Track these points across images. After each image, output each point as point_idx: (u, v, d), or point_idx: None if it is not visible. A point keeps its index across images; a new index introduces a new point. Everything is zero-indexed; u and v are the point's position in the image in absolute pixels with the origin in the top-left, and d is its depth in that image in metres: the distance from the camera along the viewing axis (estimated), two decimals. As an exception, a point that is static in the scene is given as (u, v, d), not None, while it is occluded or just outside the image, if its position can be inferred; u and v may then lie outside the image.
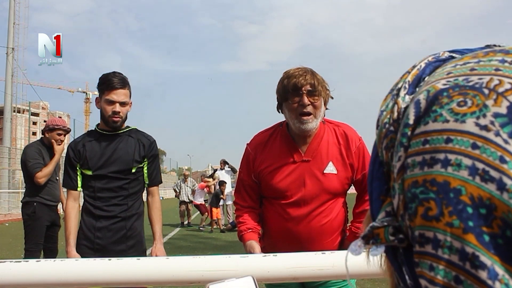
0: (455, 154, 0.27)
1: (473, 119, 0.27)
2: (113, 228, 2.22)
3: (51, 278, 1.12)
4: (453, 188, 0.26)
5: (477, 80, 0.29)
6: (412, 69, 0.34)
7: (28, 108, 27.53)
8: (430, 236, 0.27)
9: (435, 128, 0.28)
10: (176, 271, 1.14)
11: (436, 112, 0.29)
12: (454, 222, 0.26)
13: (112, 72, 2.26)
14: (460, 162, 0.26)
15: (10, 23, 18.96)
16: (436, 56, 0.35)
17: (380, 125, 0.33)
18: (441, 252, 0.26)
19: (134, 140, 2.29)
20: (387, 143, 0.32)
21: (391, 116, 0.32)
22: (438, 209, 0.26)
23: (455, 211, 0.26)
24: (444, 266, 0.26)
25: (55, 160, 3.97)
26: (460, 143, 0.27)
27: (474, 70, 0.30)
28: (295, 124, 1.67)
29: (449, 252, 0.26)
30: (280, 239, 1.73)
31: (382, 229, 0.31)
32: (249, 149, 1.81)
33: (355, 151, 1.71)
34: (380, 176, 0.33)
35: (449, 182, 0.26)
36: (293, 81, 1.64)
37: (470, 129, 0.27)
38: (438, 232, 0.26)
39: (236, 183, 1.94)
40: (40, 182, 3.85)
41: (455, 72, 0.31)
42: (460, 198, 0.26)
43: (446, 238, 0.26)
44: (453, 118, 0.28)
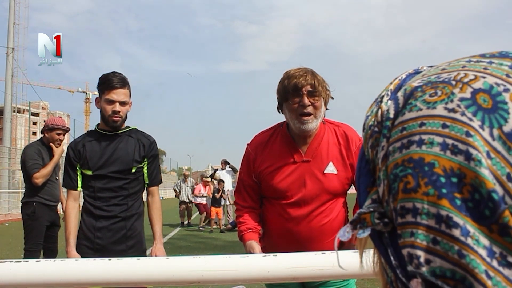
0: (428, 134, 0.31)
1: (442, 104, 0.31)
2: (113, 228, 2.22)
3: (51, 278, 1.12)
4: (427, 162, 0.30)
5: (446, 76, 0.34)
6: (394, 80, 0.39)
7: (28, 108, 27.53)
8: (409, 206, 0.30)
9: (411, 117, 0.33)
10: (176, 271, 1.14)
11: (411, 104, 0.33)
12: (429, 191, 0.29)
13: (112, 72, 2.26)
14: (432, 140, 0.30)
15: (10, 23, 18.96)
16: (416, 69, 0.40)
17: (366, 128, 0.38)
18: (419, 218, 0.29)
19: (134, 140, 2.29)
20: (372, 142, 0.36)
21: (375, 119, 0.37)
22: (415, 182, 0.30)
23: (430, 181, 0.29)
24: (422, 230, 0.29)
25: (54, 161, 3.96)
26: (432, 125, 0.31)
27: (444, 69, 0.35)
28: (296, 125, 1.67)
29: (427, 217, 0.29)
30: (281, 239, 1.73)
31: (368, 214, 0.34)
32: (249, 150, 1.81)
33: (356, 151, 1.72)
34: (366, 172, 0.37)
35: (423, 158, 0.30)
36: (293, 82, 1.64)
37: (440, 113, 0.31)
38: (416, 201, 0.30)
39: (236, 183, 1.94)
40: (38, 183, 3.85)
41: (428, 74, 0.36)
42: (434, 170, 0.30)
43: (423, 206, 0.29)
44: (426, 106, 0.32)
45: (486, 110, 0.30)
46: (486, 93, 0.31)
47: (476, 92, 0.31)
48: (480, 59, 0.34)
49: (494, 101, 0.30)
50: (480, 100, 0.30)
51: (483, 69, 0.33)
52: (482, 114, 0.30)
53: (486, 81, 0.31)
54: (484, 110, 0.30)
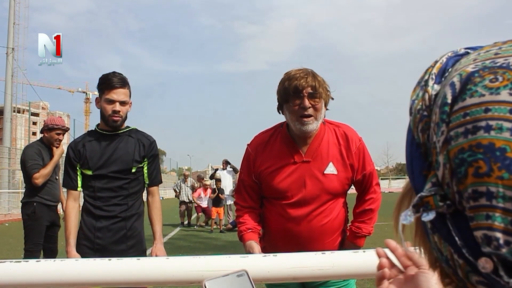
0: (495, 120, 0.31)
1: (506, 90, 0.31)
2: (113, 228, 2.22)
3: (51, 278, 1.12)
4: (498, 147, 0.30)
5: (503, 61, 0.33)
6: (434, 63, 0.39)
7: (28, 108, 27.54)
8: (483, 190, 0.30)
9: (473, 102, 0.32)
10: (176, 271, 1.14)
11: (472, 90, 0.33)
12: (504, 175, 0.29)
13: (112, 72, 2.26)
14: (501, 126, 0.30)
15: (10, 23, 18.96)
16: (455, 51, 0.39)
17: (413, 112, 0.38)
18: (495, 202, 0.30)
19: (134, 140, 2.29)
20: (422, 126, 0.36)
21: (423, 103, 0.37)
22: (488, 166, 0.30)
23: (504, 166, 0.30)
24: (500, 213, 0.30)
25: (53, 162, 3.96)
26: (498, 110, 0.31)
27: (498, 54, 0.34)
28: (296, 126, 1.67)
29: (503, 200, 0.29)
30: (281, 239, 1.73)
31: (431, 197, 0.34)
32: (249, 150, 1.81)
33: (355, 151, 1.72)
34: (418, 156, 0.37)
35: (493, 143, 0.30)
36: (294, 84, 1.64)
37: (505, 98, 0.31)
38: (490, 185, 0.30)
39: (236, 184, 1.95)
40: (37, 183, 3.85)
41: (480, 58, 0.35)
42: (506, 155, 0.30)
43: (498, 190, 0.30)
44: (488, 92, 0.32)
45: None
46: None
47: None
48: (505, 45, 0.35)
49: None
50: None
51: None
52: None
53: None
54: None
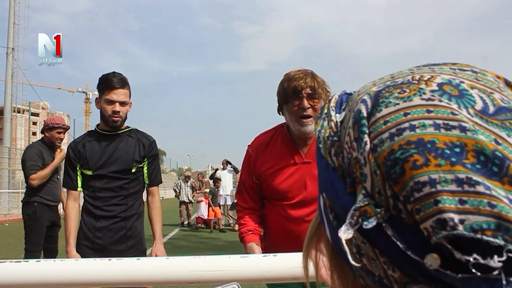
0: (416, 120, 0.33)
1: (417, 97, 0.34)
2: (113, 228, 2.22)
3: (51, 278, 1.12)
4: (428, 140, 0.32)
5: (402, 79, 0.36)
6: (329, 101, 0.42)
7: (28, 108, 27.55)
8: (425, 179, 0.31)
9: (391, 110, 0.34)
10: (176, 271, 1.14)
11: (385, 101, 0.35)
12: (441, 162, 0.31)
13: (112, 72, 2.26)
14: (423, 124, 0.32)
15: (10, 23, 18.96)
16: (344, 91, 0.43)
17: (323, 140, 0.40)
18: (440, 186, 0.31)
19: (134, 140, 2.30)
20: (335, 150, 0.38)
21: (331, 130, 0.39)
22: (424, 158, 0.32)
23: (438, 154, 0.31)
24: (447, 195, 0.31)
25: (52, 165, 3.93)
26: (416, 112, 0.33)
27: (393, 76, 0.38)
28: (296, 127, 1.67)
29: (446, 184, 0.31)
30: (282, 239, 1.74)
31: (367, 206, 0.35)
32: (250, 151, 1.82)
33: None
34: (337, 178, 0.38)
35: (422, 138, 0.32)
36: (293, 84, 1.64)
37: (419, 103, 0.33)
38: (431, 173, 0.31)
39: (237, 185, 1.95)
40: (33, 184, 3.84)
41: (378, 82, 0.38)
42: (437, 146, 0.32)
43: (439, 175, 0.31)
44: (402, 101, 0.34)
45: (456, 96, 0.33)
46: (449, 84, 0.34)
47: (441, 84, 0.34)
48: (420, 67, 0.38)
49: (458, 89, 0.34)
50: (448, 89, 0.34)
51: (432, 71, 0.36)
52: (455, 99, 0.33)
53: (443, 77, 0.35)
54: (455, 96, 0.33)
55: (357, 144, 0.36)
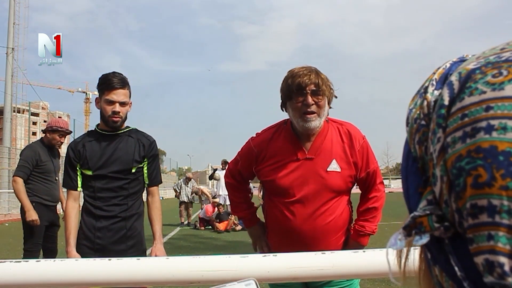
0: (498, 119, 0.26)
1: (511, 84, 0.27)
2: (113, 228, 2.22)
3: (51, 278, 1.12)
4: (502, 151, 0.25)
5: (510, 54, 0.29)
6: (437, 70, 0.35)
7: (28, 108, 27.54)
8: (483, 204, 0.25)
9: (472, 101, 0.28)
10: (176, 271, 1.14)
11: (471, 87, 0.28)
12: (509, 184, 0.24)
13: (112, 72, 2.26)
14: (505, 125, 0.26)
15: (10, 23, 18.96)
16: (461, 57, 0.35)
17: (410, 122, 0.34)
18: (499, 218, 0.24)
19: (134, 140, 2.29)
20: (419, 137, 0.32)
21: (421, 111, 0.32)
22: (489, 174, 0.25)
23: (508, 173, 0.25)
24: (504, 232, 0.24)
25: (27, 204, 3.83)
26: (502, 108, 0.26)
27: (504, 49, 0.30)
28: (299, 123, 1.67)
29: (509, 216, 0.24)
30: (284, 238, 1.73)
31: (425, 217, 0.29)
32: (251, 145, 1.81)
33: (359, 149, 1.72)
34: (415, 171, 0.33)
35: (496, 146, 0.25)
36: (297, 81, 1.64)
37: (510, 94, 0.26)
38: (492, 197, 0.25)
39: (229, 168, 1.96)
40: (13, 185, 3.89)
41: (484, 55, 0.31)
42: (511, 160, 0.25)
43: (502, 203, 0.25)
44: (490, 88, 0.27)
45: None
46: None
47: None
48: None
49: None
50: None
51: None
52: None
53: None
54: None
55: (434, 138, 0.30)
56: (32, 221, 3.81)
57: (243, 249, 6.31)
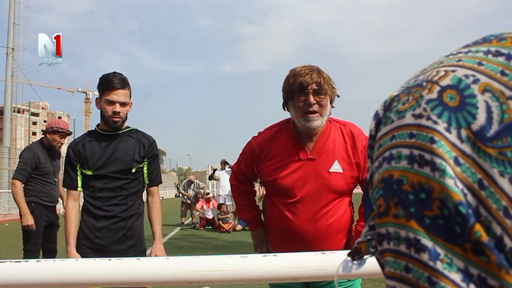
0: (396, 148, 0.28)
1: (410, 111, 0.29)
2: (113, 228, 2.22)
3: (51, 278, 1.12)
4: (396, 179, 0.27)
5: (422, 77, 0.31)
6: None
7: (28, 108, 27.53)
8: (383, 232, 0.27)
9: (385, 131, 0.30)
10: (176, 271, 1.14)
11: (387, 117, 0.31)
12: (399, 213, 0.26)
13: (112, 72, 2.26)
14: (400, 154, 0.28)
15: (10, 23, 18.95)
16: None
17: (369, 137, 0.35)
18: (392, 244, 0.27)
19: (134, 140, 2.29)
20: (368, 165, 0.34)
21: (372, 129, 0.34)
22: (386, 204, 0.27)
23: (399, 201, 0.27)
24: (393, 257, 0.26)
25: (25, 210, 3.82)
26: (400, 136, 0.28)
27: (424, 70, 0.32)
28: (301, 122, 1.66)
29: (398, 242, 0.26)
30: (286, 240, 1.72)
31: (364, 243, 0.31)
32: (253, 145, 1.80)
33: (362, 150, 1.71)
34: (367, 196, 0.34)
35: (392, 175, 0.28)
36: (299, 80, 1.63)
37: (408, 121, 0.29)
38: (388, 226, 0.27)
39: (233, 169, 1.97)
40: (12, 188, 3.88)
41: (411, 77, 0.33)
42: (402, 188, 0.27)
43: (394, 230, 0.27)
44: (397, 117, 0.30)
45: (453, 108, 0.27)
46: (453, 89, 0.28)
47: (443, 90, 0.28)
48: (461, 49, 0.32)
49: (462, 96, 0.27)
50: (447, 98, 0.28)
51: (456, 62, 0.30)
52: (448, 114, 0.27)
53: (455, 75, 0.29)
54: (451, 109, 0.27)
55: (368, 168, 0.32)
56: (27, 226, 3.81)
57: (243, 249, 6.30)
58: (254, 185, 1.99)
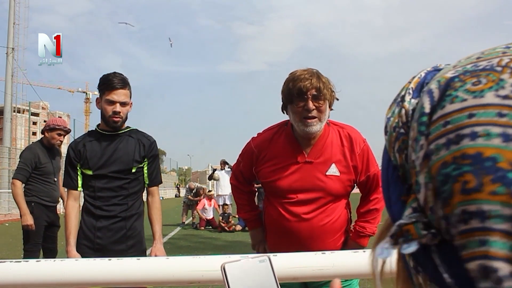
0: (481, 126, 0.26)
1: (492, 92, 0.27)
2: (113, 227, 2.22)
3: (51, 278, 1.12)
4: (488, 157, 0.26)
5: (486, 63, 0.29)
6: (412, 78, 0.35)
7: (28, 108, 27.53)
8: (474, 209, 0.25)
9: (454, 109, 0.28)
10: (176, 271, 1.14)
11: (452, 95, 0.29)
12: (498, 190, 0.25)
13: (113, 72, 2.26)
14: (489, 132, 0.26)
15: (10, 23, 18.95)
16: (435, 66, 0.36)
17: (389, 131, 0.34)
18: (491, 223, 0.25)
19: (134, 140, 2.30)
20: (399, 145, 0.32)
21: (400, 120, 0.33)
22: (477, 180, 0.26)
23: (497, 178, 0.25)
24: (498, 237, 0.25)
25: (25, 210, 3.82)
26: (484, 115, 0.27)
27: (480, 58, 0.31)
28: (299, 127, 1.66)
29: (502, 220, 0.24)
30: (282, 238, 1.74)
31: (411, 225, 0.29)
32: (252, 146, 1.81)
33: (359, 153, 1.71)
34: (396, 179, 0.33)
35: (482, 152, 0.26)
36: (298, 85, 1.63)
37: (491, 101, 0.27)
38: (482, 203, 0.25)
39: (233, 170, 1.99)
40: (13, 188, 3.88)
41: (461, 64, 0.32)
42: (498, 165, 0.25)
43: (492, 207, 0.25)
44: (471, 96, 0.28)
45: None
46: None
47: None
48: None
49: None
50: None
51: None
52: None
53: None
54: None
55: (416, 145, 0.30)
56: (27, 226, 3.81)
57: (243, 249, 6.30)
58: (254, 185, 2.00)
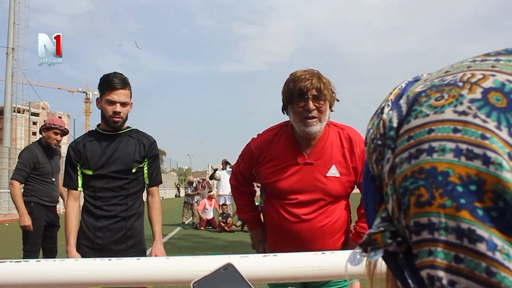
0: (438, 141, 0.28)
1: (451, 108, 0.29)
2: (113, 227, 2.22)
3: (51, 278, 1.12)
4: (441, 171, 0.27)
5: (451, 78, 0.31)
6: (393, 90, 0.36)
7: (28, 108, 27.54)
8: (424, 221, 0.27)
9: (417, 124, 0.30)
10: (176, 271, 1.14)
11: (416, 110, 0.31)
12: (446, 203, 0.26)
13: (113, 72, 2.26)
14: (444, 147, 0.28)
15: (10, 23, 18.95)
16: (416, 77, 0.37)
17: (368, 142, 0.35)
18: (437, 234, 0.26)
19: (134, 140, 2.30)
20: (376, 157, 0.34)
21: (378, 131, 0.34)
22: (429, 194, 0.27)
23: (446, 192, 0.26)
24: (442, 247, 0.26)
25: (22, 210, 3.81)
26: (441, 130, 0.28)
27: (448, 72, 0.33)
28: (300, 127, 1.66)
29: (445, 232, 0.26)
30: (282, 238, 1.74)
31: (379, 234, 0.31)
32: (252, 147, 1.81)
33: (360, 154, 1.71)
34: (373, 189, 0.34)
35: (436, 166, 0.27)
36: (298, 85, 1.63)
37: (449, 117, 0.28)
38: (431, 215, 0.27)
39: (233, 171, 1.98)
40: (11, 188, 3.89)
41: (430, 78, 0.33)
42: (449, 179, 0.27)
43: (440, 220, 0.26)
44: (433, 111, 0.29)
45: (501, 109, 0.27)
46: (499, 91, 0.28)
47: (487, 91, 0.28)
48: (486, 57, 0.32)
49: (509, 99, 0.27)
50: (493, 99, 0.28)
51: (491, 67, 0.30)
52: (497, 114, 0.27)
53: (496, 79, 0.29)
54: (499, 109, 0.27)
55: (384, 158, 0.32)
56: (25, 226, 3.81)
57: (243, 249, 6.30)
58: (254, 185, 2.00)
